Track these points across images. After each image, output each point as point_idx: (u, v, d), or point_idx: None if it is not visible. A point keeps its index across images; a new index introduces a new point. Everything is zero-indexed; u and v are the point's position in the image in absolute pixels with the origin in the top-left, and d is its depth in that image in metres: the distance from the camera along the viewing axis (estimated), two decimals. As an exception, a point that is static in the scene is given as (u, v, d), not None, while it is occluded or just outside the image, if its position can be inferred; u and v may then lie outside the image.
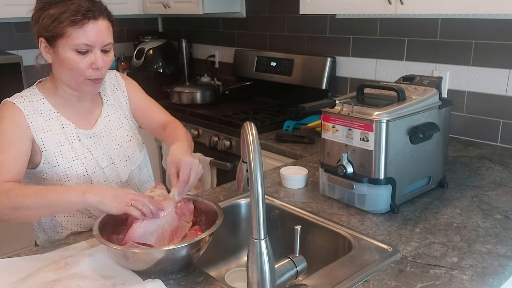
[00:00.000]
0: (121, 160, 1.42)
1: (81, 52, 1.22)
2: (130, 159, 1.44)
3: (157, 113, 1.54)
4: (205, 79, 3.30)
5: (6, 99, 1.30)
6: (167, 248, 1.03)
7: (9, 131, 1.24)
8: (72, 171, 1.31)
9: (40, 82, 1.37)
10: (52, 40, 1.22)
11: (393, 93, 1.39)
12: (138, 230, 1.11)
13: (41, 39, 1.24)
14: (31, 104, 1.29)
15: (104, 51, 1.26)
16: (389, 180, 1.33)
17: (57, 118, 1.32)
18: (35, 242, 1.44)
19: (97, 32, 1.22)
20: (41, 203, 1.12)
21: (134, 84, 1.53)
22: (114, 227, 1.16)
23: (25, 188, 1.17)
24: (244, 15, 3.03)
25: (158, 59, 3.24)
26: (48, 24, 1.21)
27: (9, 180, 1.19)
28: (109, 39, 1.26)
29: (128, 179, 1.44)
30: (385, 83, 1.52)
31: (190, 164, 1.19)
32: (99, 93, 1.43)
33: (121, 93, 1.48)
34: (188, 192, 1.24)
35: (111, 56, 1.29)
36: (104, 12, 1.25)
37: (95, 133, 1.37)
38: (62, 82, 1.30)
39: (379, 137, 1.28)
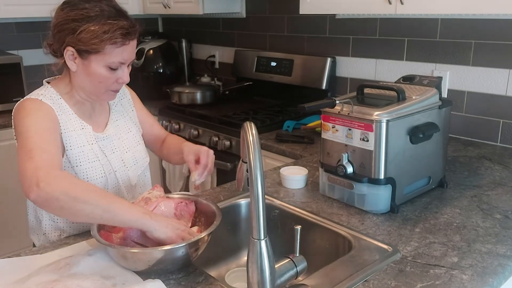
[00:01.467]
0: (131, 164, 1.43)
1: (113, 69, 1.25)
2: (138, 163, 1.45)
3: (157, 129, 1.60)
4: (205, 79, 3.30)
5: (26, 97, 1.27)
6: (166, 248, 1.03)
7: (44, 120, 1.22)
8: (92, 173, 1.31)
9: (52, 80, 1.36)
10: (86, 53, 1.22)
11: (393, 93, 1.39)
12: (137, 230, 1.11)
13: (69, 48, 1.22)
14: (53, 102, 1.28)
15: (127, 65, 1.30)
16: (389, 180, 1.33)
17: (75, 119, 1.31)
18: (33, 244, 1.44)
19: (131, 51, 1.27)
20: (102, 204, 1.05)
21: (137, 97, 1.57)
22: (112, 226, 1.16)
23: (85, 182, 1.17)
24: (244, 15, 3.03)
25: (158, 59, 3.24)
26: (87, 39, 1.19)
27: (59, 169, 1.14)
28: (135, 54, 1.31)
29: (136, 182, 1.45)
30: (385, 83, 1.52)
31: (208, 151, 1.37)
32: None
33: (126, 101, 1.50)
34: (188, 193, 1.25)
35: (130, 68, 1.33)
36: (138, 31, 1.27)
37: (108, 136, 1.38)
38: (81, 89, 1.30)
39: (379, 137, 1.28)
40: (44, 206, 1.08)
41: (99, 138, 1.35)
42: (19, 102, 1.27)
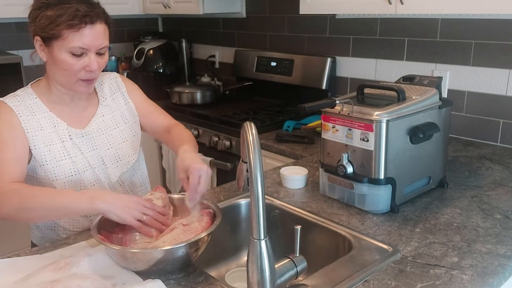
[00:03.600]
0: (112, 161, 1.40)
1: (76, 55, 1.23)
2: (121, 160, 1.43)
3: (160, 117, 1.54)
4: (205, 79, 3.30)
5: (0, 98, 1.30)
6: (166, 248, 1.02)
7: (3, 131, 1.25)
8: (60, 171, 1.31)
9: (36, 81, 1.37)
10: (48, 40, 1.23)
11: (393, 93, 1.39)
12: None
13: (37, 38, 1.25)
14: (23, 103, 1.29)
15: (99, 54, 1.27)
16: (389, 180, 1.33)
17: (49, 117, 1.32)
18: (32, 242, 1.44)
19: (93, 36, 1.23)
20: (49, 206, 1.13)
21: (135, 87, 1.53)
22: (113, 225, 1.16)
23: (32, 189, 1.17)
24: (244, 15, 3.03)
25: (158, 59, 3.24)
26: (45, 25, 1.21)
27: (13, 180, 1.20)
28: (105, 42, 1.27)
29: (120, 180, 1.43)
30: (385, 83, 1.52)
31: (199, 170, 1.20)
32: (96, 92, 1.43)
33: (120, 96, 1.48)
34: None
35: (105, 58, 1.30)
36: (101, 16, 1.25)
37: (87, 132, 1.37)
38: (55, 81, 1.31)
39: (379, 137, 1.28)
40: (8, 220, 1.17)
41: (76, 134, 1.35)
42: None
